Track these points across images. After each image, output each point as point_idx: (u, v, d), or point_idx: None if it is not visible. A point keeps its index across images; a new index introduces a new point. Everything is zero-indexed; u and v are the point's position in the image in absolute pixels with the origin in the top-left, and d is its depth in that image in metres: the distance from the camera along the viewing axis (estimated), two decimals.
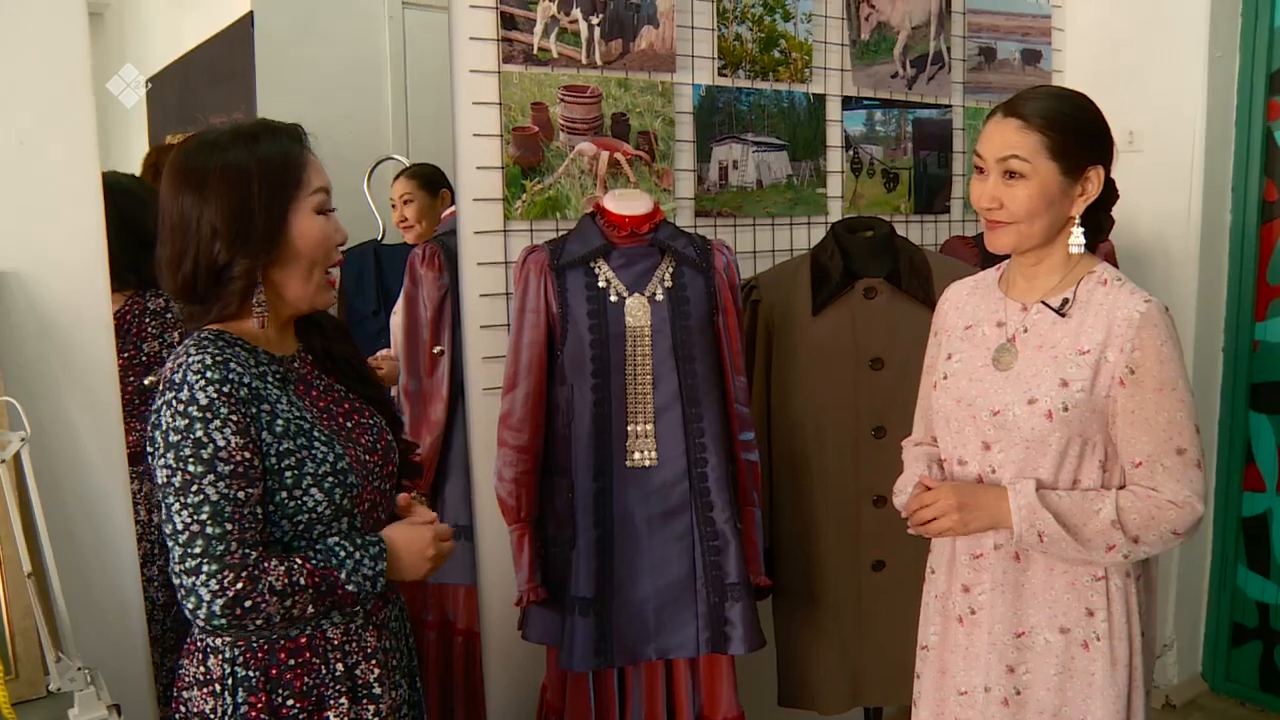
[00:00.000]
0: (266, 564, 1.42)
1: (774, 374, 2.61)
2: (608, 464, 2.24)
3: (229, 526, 1.40)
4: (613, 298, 2.25)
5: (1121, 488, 1.73)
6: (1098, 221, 1.79)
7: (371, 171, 2.63)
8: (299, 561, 1.45)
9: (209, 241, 1.47)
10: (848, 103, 3.12)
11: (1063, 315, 1.75)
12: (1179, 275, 3.43)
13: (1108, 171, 1.75)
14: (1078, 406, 1.69)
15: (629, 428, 2.25)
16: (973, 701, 1.83)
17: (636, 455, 2.25)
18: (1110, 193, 1.77)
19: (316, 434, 1.53)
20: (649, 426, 2.25)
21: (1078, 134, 1.71)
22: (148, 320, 2.15)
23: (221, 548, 1.39)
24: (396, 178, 2.67)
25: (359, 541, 1.53)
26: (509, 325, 2.55)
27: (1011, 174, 1.71)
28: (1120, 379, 1.69)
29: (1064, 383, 1.70)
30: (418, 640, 2.68)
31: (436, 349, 2.59)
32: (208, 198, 1.47)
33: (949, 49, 3.33)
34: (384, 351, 2.71)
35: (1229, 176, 3.46)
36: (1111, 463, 1.74)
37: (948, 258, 2.73)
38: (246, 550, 1.41)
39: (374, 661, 1.59)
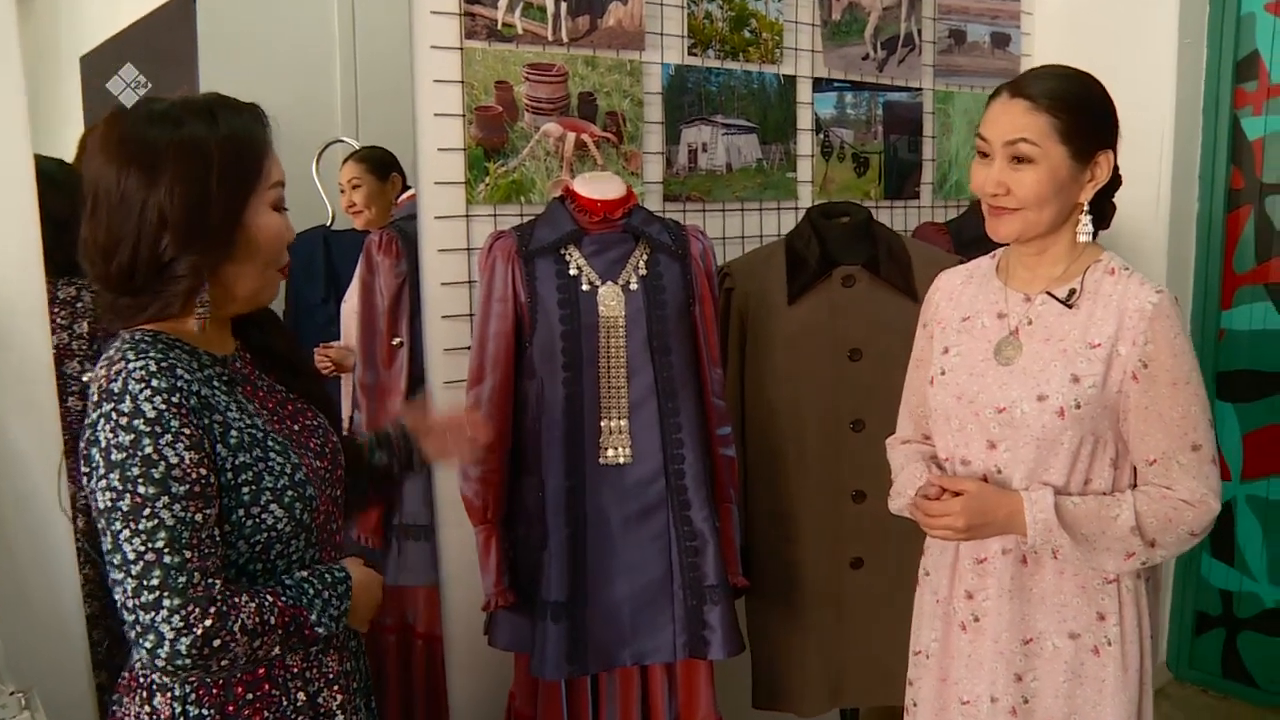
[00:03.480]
0: (236, 599, 1.28)
1: (748, 365, 2.52)
2: (580, 461, 2.13)
3: (188, 554, 1.25)
4: (585, 286, 2.14)
5: (1132, 486, 1.66)
6: (1101, 208, 1.71)
7: (320, 155, 2.50)
8: (269, 599, 1.32)
9: (154, 231, 1.30)
10: (818, 84, 3.03)
11: (1070, 306, 1.67)
12: (1147, 264, 3.38)
13: (1115, 155, 1.67)
14: (1090, 403, 1.61)
15: (602, 423, 2.14)
16: (977, 711, 1.75)
17: (610, 452, 2.14)
18: (1115, 179, 1.69)
19: (271, 443, 1.39)
20: (623, 422, 2.14)
21: (1088, 116, 1.62)
22: (56, 310, 1.96)
23: (183, 579, 1.24)
24: (345, 161, 2.54)
25: (327, 578, 1.40)
26: (472, 315, 2.43)
27: (1019, 158, 1.62)
28: (1133, 373, 1.61)
29: (1075, 378, 1.62)
30: (376, 645, 2.57)
31: (396, 340, 2.47)
32: (158, 180, 1.29)
33: (919, 31, 3.25)
34: (335, 342, 2.59)
35: (1197, 164, 3.42)
36: (1122, 460, 1.67)
37: (927, 245, 2.65)
38: (210, 580, 1.26)
39: (336, 687, 1.47)
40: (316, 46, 2.55)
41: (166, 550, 1.23)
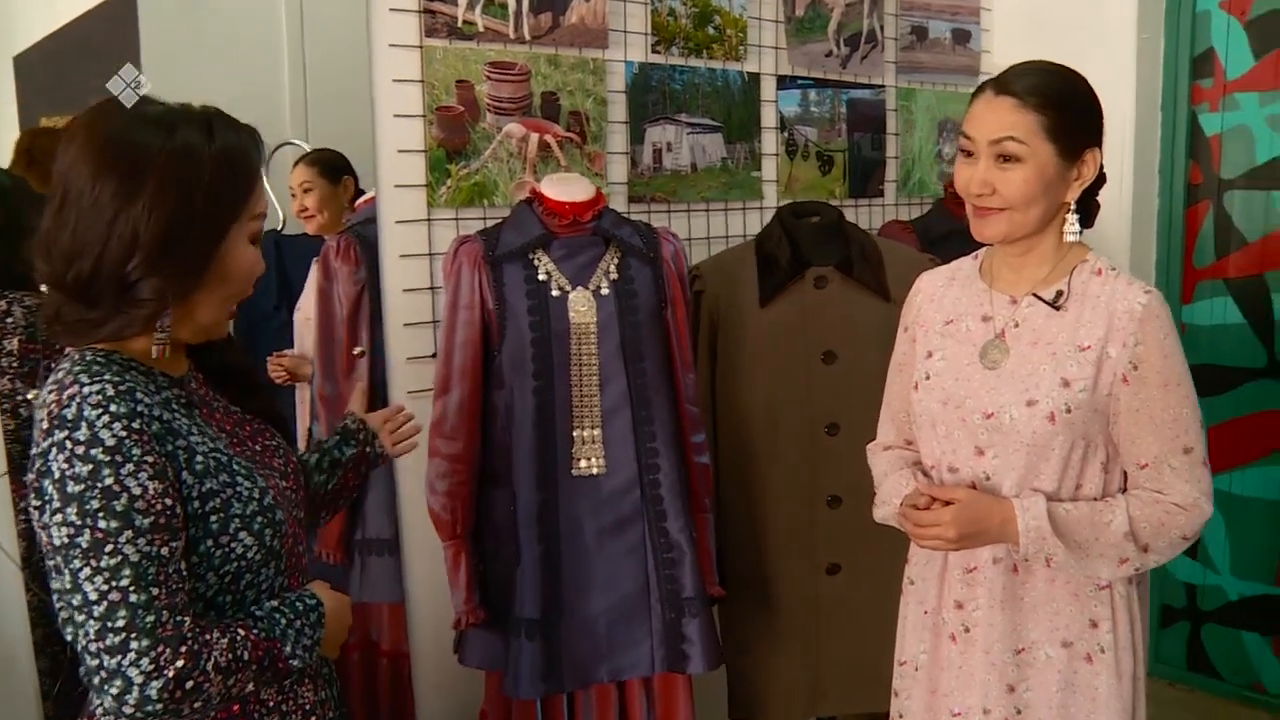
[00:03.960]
0: (207, 636, 1.19)
1: (719, 369, 2.46)
2: (552, 473, 2.07)
3: (156, 591, 1.16)
4: (554, 292, 2.08)
5: (1122, 490, 1.63)
6: (1086, 206, 1.67)
7: (269, 158, 2.39)
8: (242, 633, 1.23)
9: (125, 247, 1.20)
10: (782, 82, 2.99)
11: (1057, 308, 1.63)
12: (1109, 260, 3.38)
13: (1101, 153, 1.63)
14: (1081, 407, 1.58)
15: (575, 433, 2.08)
16: None
17: (583, 463, 2.08)
18: (1100, 176, 1.66)
19: (236, 467, 1.30)
20: (596, 431, 2.08)
21: (1076, 113, 1.59)
22: None
23: (151, 618, 1.15)
24: (295, 164, 2.46)
25: (298, 606, 1.32)
26: (435, 322, 2.36)
27: (1006, 157, 1.57)
28: (1123, 376, 1.57)
29: (1065, 382, 1.59)
30: (340, 664, 2.49)
31: (357, 350, 2.39)
32: (138, 192, 1.19)
33: (882, 27, 3.22)
34: (289, 350, 2.50)
35: (1156, 160, 3.43)
36: (1112, 464, 1.64)
37: (899, 245, 2.61)
38: (179, 618, 1.17)
39: (313, 719, 1.39)
40: (264, 45, 2.47)
41: (132, 588, 1.15)
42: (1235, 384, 3.27)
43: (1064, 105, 1.57)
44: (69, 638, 1.18)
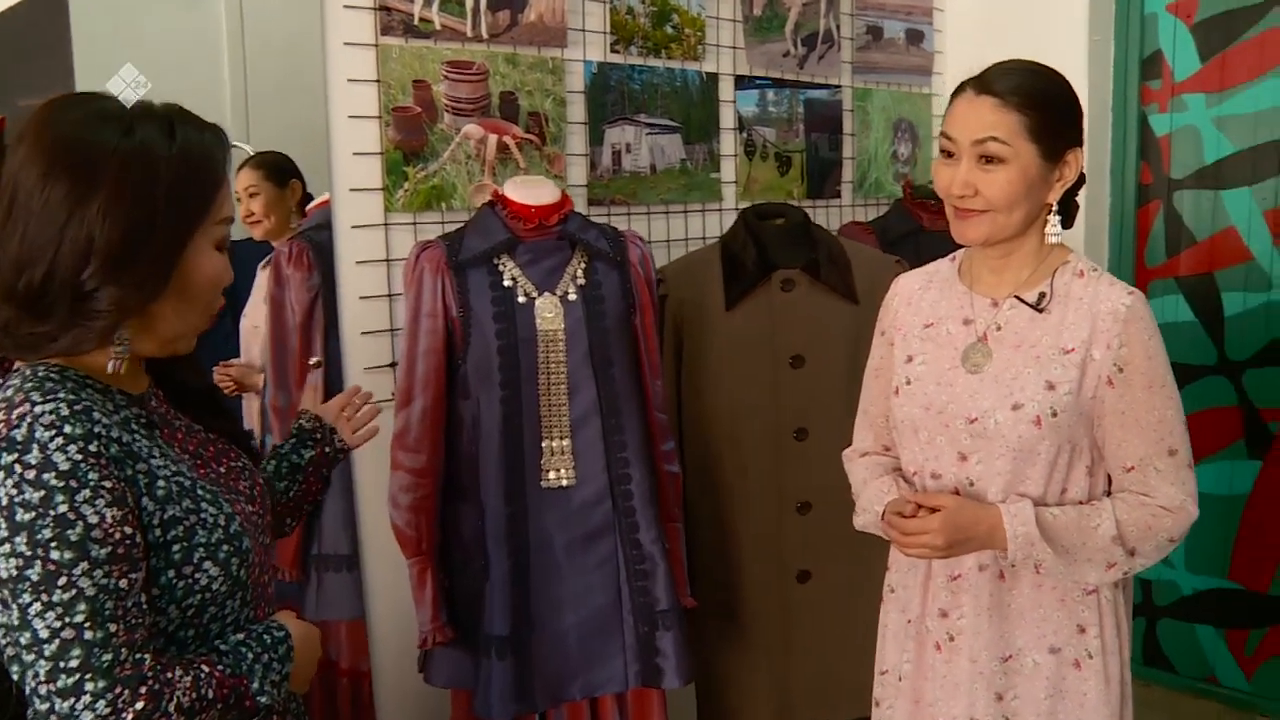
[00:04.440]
0: (170, 674, 1.11)
1: (685, 374, 2.42)
2: (520, 485, 2.01)
3: (113, 628, 1.08)
4: (520, 298, 2.02)
5: (1107, 494, 1.62)
6: (1065, 207, 1.66)
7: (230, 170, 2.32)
8: (206, 670, 1.16)
9: (78, 254, 1.11)
10: (740, 82, 2.95)
11: (1040, 311, 1.61)
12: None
13: (1082, 154, 1.61)
14: (1066, 411, 1.56)
15: (543, 444, 2.02)
16: None
17: (552, 474, 2.02)
18: (1080, 176, 1.64)
19: (201, 491, 1.22)
20: (565, 442, 2.02)
21: (1058, 113, 1.56)
22: None
23: (108, 657, 1.07)
24: (240, 168, 2.36)
25: (266, 639, 1.24)
26: (394, 330, 2.29)
27: (988, 158, 1.55)
28: (1108, 378, 1.56)
29: (1050, 385, 1.56)
30: None
31: (313, 360, 2.30)
32: (91, 194, 1.11)
33: (838, 27, 3.20)
34: (236, 359, 2.42)
35: (1108, 160, 3.45)
36: (1097, 467, 1.62)
37: (866, 247, 2.59)
38: (139, 656, 1.09)
39: None
40: (202, 42, 2.38)
41: (88, 625, 1.06)
42: (1187, 381, 3.29)
43: (1047, 105, 1.54)
44: (15, 678, 1.10)
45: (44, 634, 1.06)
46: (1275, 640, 3.29)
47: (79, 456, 1.08)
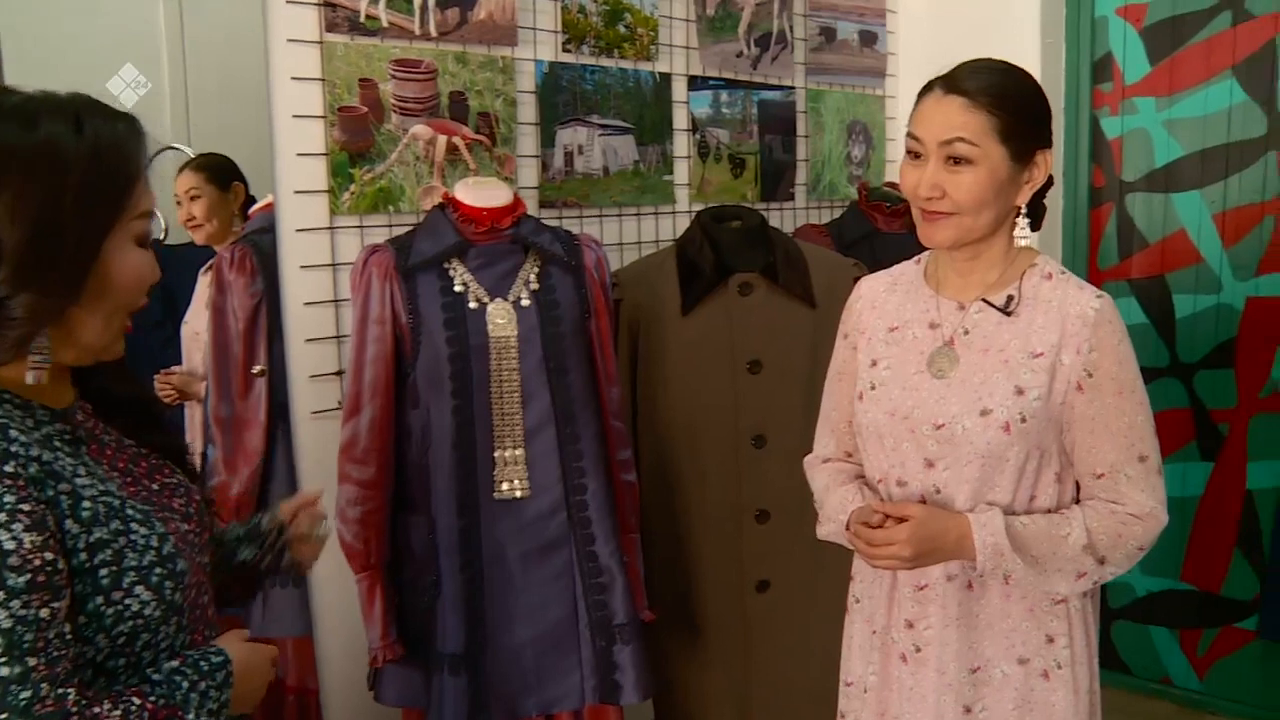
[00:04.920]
0: (96, 709, 1.04)
1: (641, 380, 2.37)
2: (473, 497, 1.95)
3: (33, 661, 1.00)
4: (472, 304, 1.96)
5: (1076, 501, 1.59)
6: (1033, 209, 1.62)
7: (149, 162, 2.22)
8: (137, 702, 1.07)
9: None
10: (693, 83, 2.91)
11: (1008, 314, 1.57)
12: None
13: (1051, 155, 1.58)
14: (1036, 416, 1.52)
15: (496, 454, 1.96)
16: None
17: (506, 485, 1.96)
18: (1048, 178, 1.61)
19: (130, 511, 1.14)
20: (519, 452, 1.97)
21: (1027, 114, 1.53)
22: None
23: (26, 694, 0.99)
24: (181, 170, 2.28)
25: (202, 666, 1.16)
26: (340, 337, 2.22)
27: (956, 159, 1.51)
28: (1078, 383, 1.53)
29: (1019, 390, 1.53)
30: None
31: (256, 368, 2.23)
32: None
33: (792, 28, 3.16)
34: (177, 367, 2.33)
35: (1060, 162, 3.45)
36: (1066, 474, 1.59)
37: (823, 249, 2.55)
38: (61, 691, 1.02)
39: None
40: (140, 41, 2.26)
41: (3, 660, 0.99)
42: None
43: (1017, 106, 1.51)
44: None
45: None
46: (1227, 640, 3.30)
47: None
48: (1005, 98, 1.50)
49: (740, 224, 2.39)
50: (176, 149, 2.28)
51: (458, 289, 1.95)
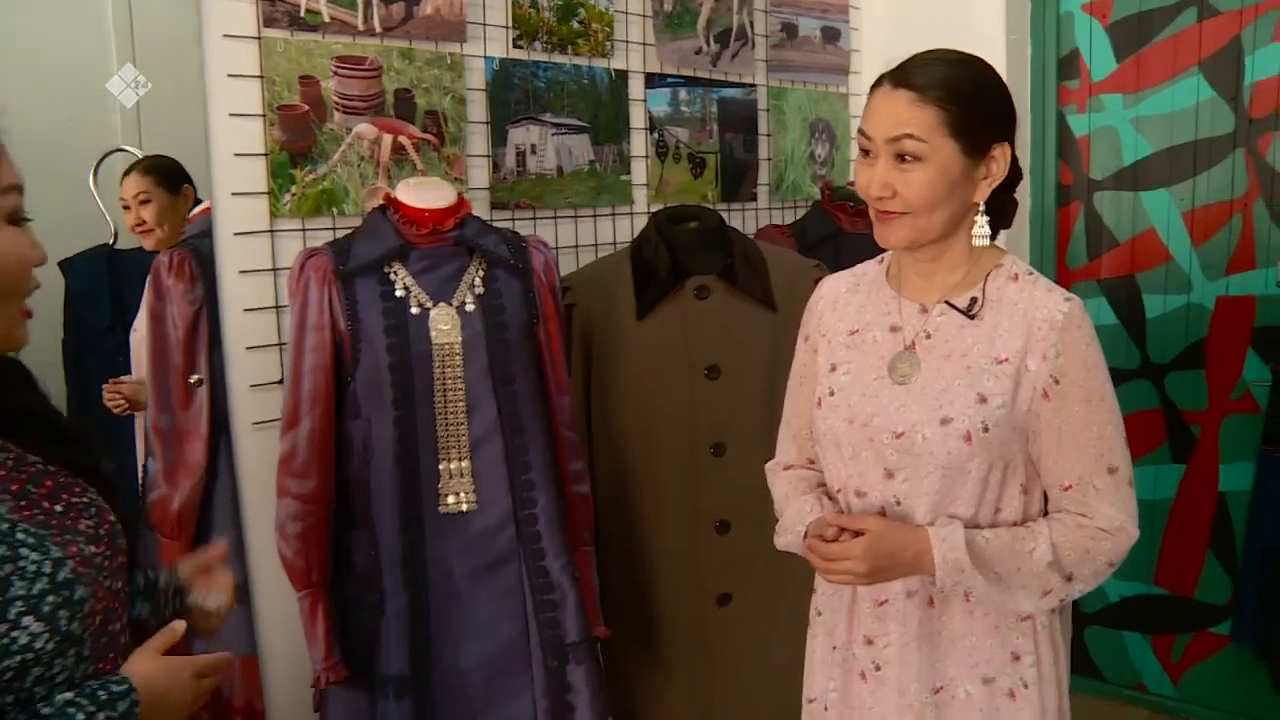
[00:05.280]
0: None
1: (595, 388, 2.29)
2: (417, 511, 1.87)
3: None
4: (414, 309, 1.87)
5: (1044, 513, 1.52)
6: (1001, 205, 1.55)
7: (98, 165, 2.18)
8: None
9: None
10: (651, 80, 2.83)
11: (971, 317, 1.50)
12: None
13: (1013, 148, 1.51)
14: (999, 425, 1.45)
15: (440, 466, 1.88)
16: None
17: (451, 499, 1.88)
18: (1014, 173, 1.54)
19: (21, 535, 1.06)
20: (464, 464, 1.88)
21: (980, 107, 1.45)
22: None
23: None
24: (127, 173, 2.20)
25: (100, 696, 1.08)
26: (282, 345, 2.13)
27: (905, 156, 1.44)
28: (1044, 390, 1.45)
29: (982, 398, 1.46)
30: None
31: (194, 378, 2.14)
32: None
33: (752, 24, 3.09)
34: (127, 376, 2.25)
35: (1027, 160, 3.40)
36: (1032, 485, 1.51)
37: (785, 250, 2.48)
38: None
39: None
40: (87, 40, 2.22)
41: None
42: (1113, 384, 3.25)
43: (967, 99, 1.44)
44: None
45: None
46: (1201, 645, 3.25)
47: None
48: (954, 90, 1.43)
49: (698, 225, 2.31)
50: (124, 151, 2.21)
51: (399, 294, 1.87)
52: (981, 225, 1.51)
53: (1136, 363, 3.27)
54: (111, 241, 2.23)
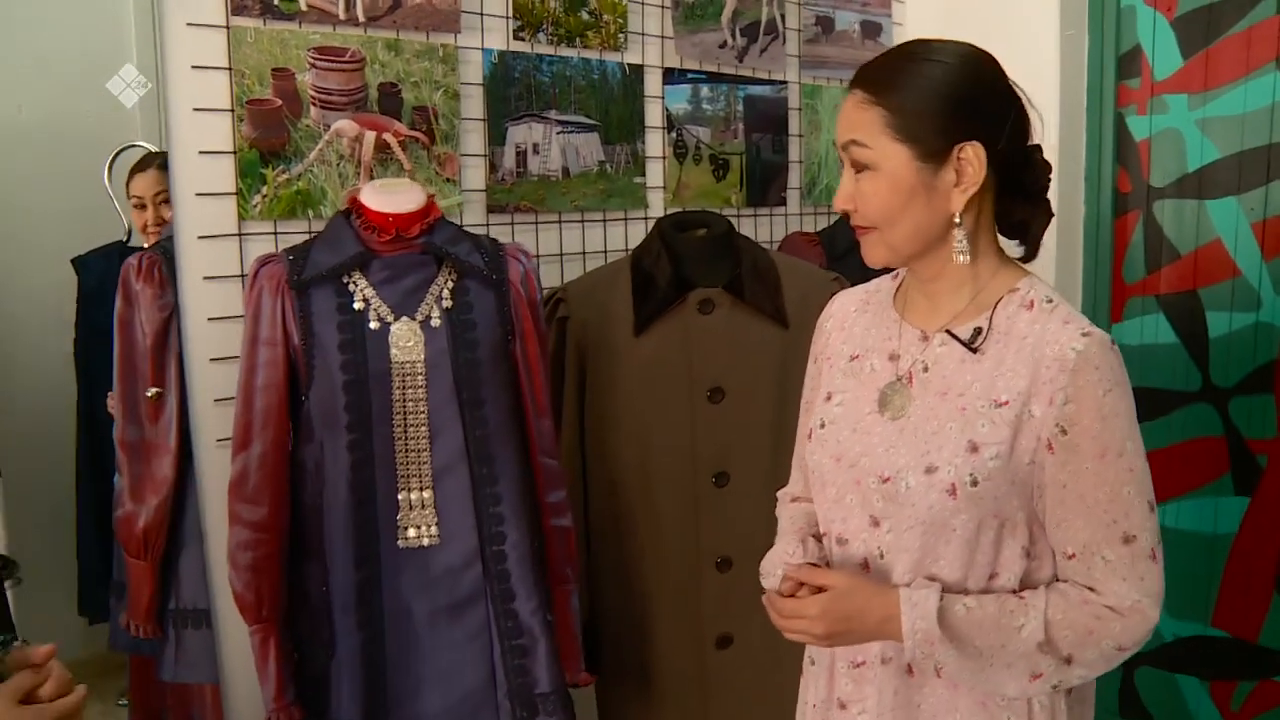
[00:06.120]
0: None
1: (589, 410, 2.12)
2: (373, 544, 1.71)
3: None
4: (373, 324, 1.71)
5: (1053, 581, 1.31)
6: (1021, 221, 1.34)
7: (113, 160, 2.13)
8: None
9: None
10: (670, 75, 2.64)
11: (974, 350, 1.29)
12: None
13: (1011, 144, 1.29)
14: (991, 479, 1.24)
15: (400, 496, 1.71)
16: None
17: (411, 532, 1.72)
18: (1028, 175, 1.33)
19: None
20: (426, 494, 1.72)
21: (933, 103, 1.24)
22: None
23: None
24: (139, 170, 2.13)
25: None
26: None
27: (856, 165, 1.27)
28: (1048, 441, 1.24)
29: (973, 446, 1.25)
30: None
31: (151, 391, 2.01)
32: None
33: (783, 17, 2.89)
34: None
35: (1082, 165, 3.16)
36: (1039, 548, 1.30)
37: (800, 262, 2.28)
38: None
39: None
40: (106, 35, 2.18)
41: None
42: (1168, 409, 3.02)
43: (917, 95, 1.24)
44: None
45: None
46: (1266, 695, 2.99)
47: None
48: (900, 87, 1.24)
49: (705, 233, 2.13)
50: (138, 146, 2.14)
51: (357, 306, 1.70)
52: (960, 240, 1.29)
53: (1198, 385, 3.02)
54: (125, 240, 2.18)
